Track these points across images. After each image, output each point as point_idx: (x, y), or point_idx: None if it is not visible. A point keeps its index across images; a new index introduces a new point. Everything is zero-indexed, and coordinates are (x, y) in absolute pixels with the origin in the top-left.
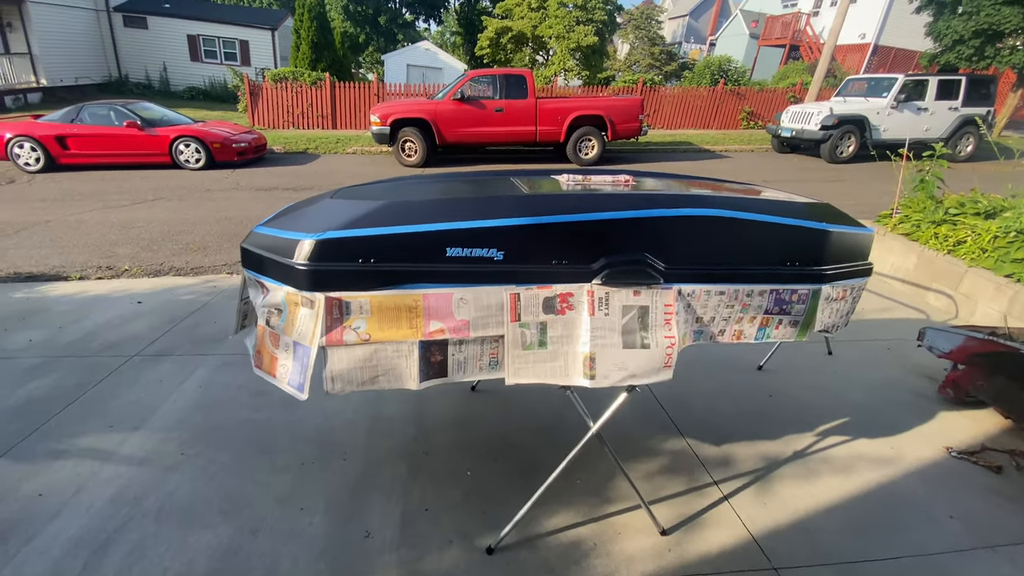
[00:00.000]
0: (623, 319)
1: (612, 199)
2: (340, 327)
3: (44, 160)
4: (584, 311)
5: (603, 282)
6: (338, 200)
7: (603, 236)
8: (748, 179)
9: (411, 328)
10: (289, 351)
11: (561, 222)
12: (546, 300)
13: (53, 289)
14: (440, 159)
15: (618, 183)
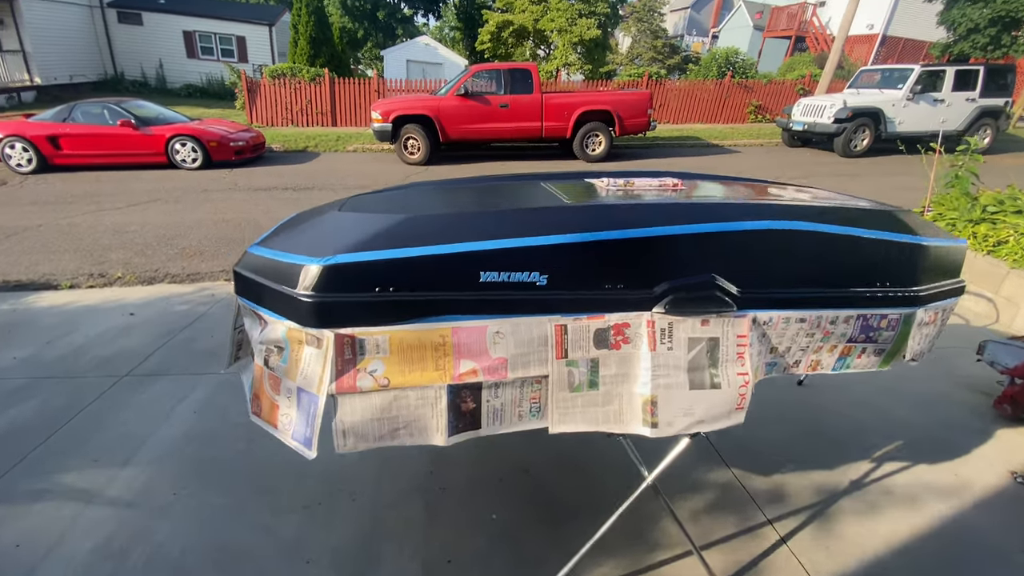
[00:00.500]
0: (689, 354)
1: (673, 210)
2: (353, 370)
3: (36, 161)
4: (643, 345)
5: (666, 310)
6: (347, 214)
7: (666, 255)
8: (761, 175)
9: (438, 370)
10: (292, 398)
11: (617, 239)
12: (598, 332)
13: (41, 299)
14: (443, 157)
15: (665, 187)
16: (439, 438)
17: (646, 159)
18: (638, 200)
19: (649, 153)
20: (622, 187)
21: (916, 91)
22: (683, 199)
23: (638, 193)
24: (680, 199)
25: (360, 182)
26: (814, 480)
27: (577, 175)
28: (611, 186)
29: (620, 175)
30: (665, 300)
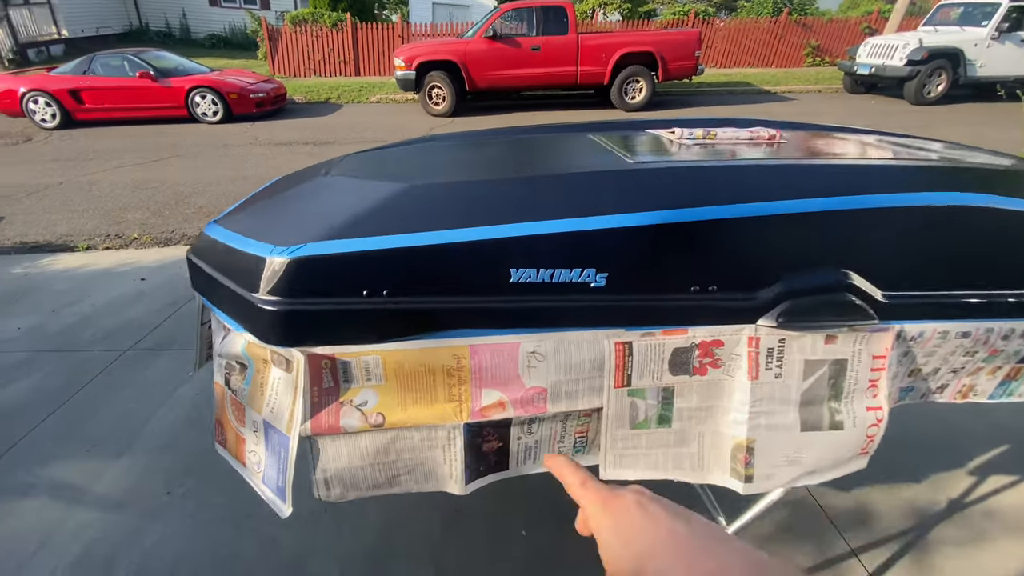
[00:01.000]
0: (804, 383)
1: (785, 176)
2: (335, 404)
3: (60, 116)
4: (741, 370)
5: (778, 323)
6: (335, 180)
7: (781, 243)
8: None
9: (451, 401)
10: (260, 434)
11: (713, 220)
12: (676, 353)
13: (56, 262)
14: (470, 107)
15: (759, 140)
16: (453, 486)
17: (690, 108)
18: (729, 161)
19: (693, 101)
20: (701, 140)
21: (1003, 29)
22: (794, 159)
23: (725, 149)
24: (790, 159)
25: (381, 136)
26: (903, 498)
27: (634, 124)
28: (686, 139)
29: (693, 124)
30: (777, 309)
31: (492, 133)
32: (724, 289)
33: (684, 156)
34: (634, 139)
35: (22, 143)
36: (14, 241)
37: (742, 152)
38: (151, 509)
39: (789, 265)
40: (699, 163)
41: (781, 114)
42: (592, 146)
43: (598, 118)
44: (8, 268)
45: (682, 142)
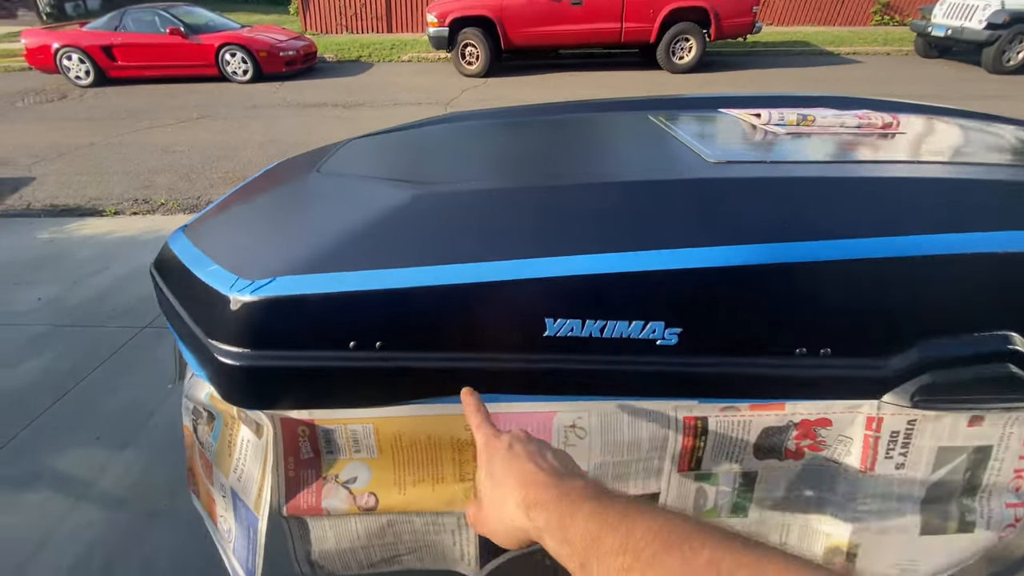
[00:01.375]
0: (934, 474)
1: (926, 191)
2: (316, 481)
3: (94, 74)
4: (850, 457)
5: (913, 401)
6: (324, 180)
7: (929, 295)
8: (884, 93)
9: (462, 481)
10: (228, 501)
11: (834, 261)
12: (766, 434)
13: (83, 227)
14: (505, 67)
15: (871, 130)
16: (466, 568)
17: (743, 70)
18: (846, 167)
19: (746, 63)
20: (796, 128)
21: None
22: (935, 163)
23: (830, 142)
24: (927, 162)
25: (412, 97)
26: None
27: (702, 102)
28: (775, 125)
29: (777, 102)
30: (913, 383)
31: (526, 112)
32: (841, 354)
33: (778, 152)
34: (707, 124)
35: (57, 100)
36: (44, 204)
37: (854, 148)
38: (154, 510)
39: (935, 324)
40: (805, 169)
41: (845, 80)
42: (655, 134)
43: (643, 81)
44: (36, 233)
45: (771, 130)
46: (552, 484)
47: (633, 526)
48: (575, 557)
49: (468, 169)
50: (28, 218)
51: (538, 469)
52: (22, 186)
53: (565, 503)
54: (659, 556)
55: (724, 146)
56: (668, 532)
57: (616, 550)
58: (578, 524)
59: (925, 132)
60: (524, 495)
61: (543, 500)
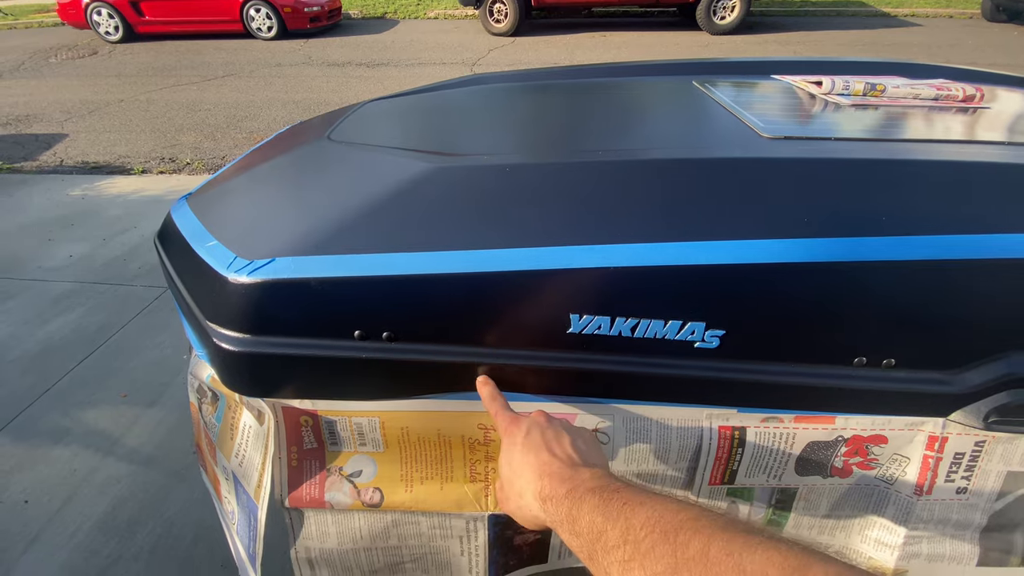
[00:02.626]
0: (998, 502)
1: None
2: (320, 475)
3: (123, 30)
4: (906, 478)
5: (987, 421)
6: (334, 148)
7: (1008, 301)
8: (944, 59)
9: (473, 482)
10: (231, 484)
11: (909, 262)
12: (811, 448)
13: (112, 185)
14: (534, 25)
15: (950, 102)
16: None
17: (789, 32)
18: (917, 141)
19: (792, 24)
20: (862, 98)
21: None
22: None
23: (903, 116)
24: (1021, 147)
25: (438, 56)
26: None
27: (753, 66)
28: (838, 95)
29: (839, 68)
30: (988, 402)
31: (558, 75)
32: (906, 365)
33: (843, 127)
34: (760, 92)
35: (88, 56)
36: (76, 161)
37: (930, 124)
38: (177, 470)
39: (1016, 335)
40: (875, 149)
41: (901, 44)
42: (701, 103)
43: (681, 42)
44: (68, 190)
45: (834, 100)
46: (565, 477)
47: (632, 517)
48: (584, 549)
49: (492, 140)
50: (61, 175)
51: (553, 459)
52: (55, 142)
53: (574, 497)
54: (656, 547)
55: (780, 119)
56: (666, 522)
57: (617, 542)
58: (584, 517)
59: (1015, 107)
60: (540, 488)
61: (556, 494)
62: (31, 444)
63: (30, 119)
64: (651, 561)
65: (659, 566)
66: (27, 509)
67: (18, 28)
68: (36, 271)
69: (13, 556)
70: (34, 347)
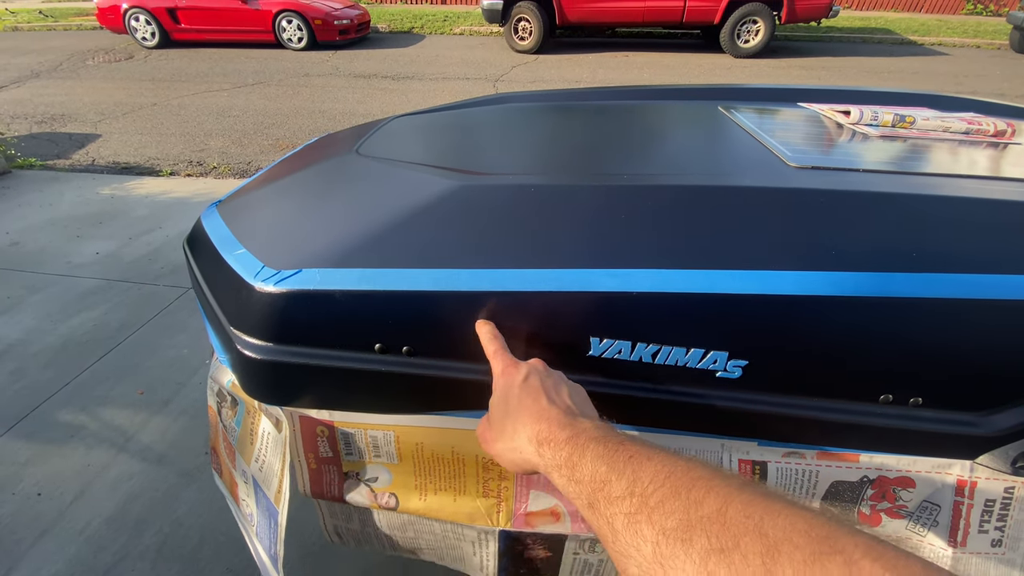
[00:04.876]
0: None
1: None
2: (336, 475)
3: (159, 36)
4: (938, 528)
5: (1017, 467)
6: (362, 162)
7: None
8: (978, 91)
9: (485, 497)
10: (250, 487)
11: (940, 299)
12: (836, 488)
13: (141, 186)
14: (558, 44)
15: (981, 136)
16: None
17: (813, 57)
18: (947, 176)
19: (816, 49)
20: (891, 130)
21: None
22: None
23: (932, 150)
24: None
25: (462, 71)
26: None
27: (777, 93)
28: (866, 125)
29: (867, 98)
30: (1016, 444)
31: (583, 96)
32: (934, 404)
33: (871, 159)
34: (787, 120)
35: (124, 60)
36: (107, 161)
37: (961, 159)
38: (187, 470)
39: None
40: (904, 183)
41: (925, 72)
42: (727, 129)
43: (704, 65)
44: (99, 188)
45: (862, 130)
46: (565, 423)
47: (640, 470)
48: (583, 496)
49: (518, 160)
50: (92, 173)
51: (552, 406)
52: (88, 142)
53: (575, 443)
54: (666, 502)
55: (807, 148)
56: (677, 478)
57: (623, 493)
58: (587, 465)
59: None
60: (537, 431)
61: (555, 438)
62: (47, 437)
63: (65, 118)
64: (660, 516)
65: (670, 522)
66: (40, 502)
67: (57, 29)
68: (63, 266)
69: (23, 548)
70: (56, 341)
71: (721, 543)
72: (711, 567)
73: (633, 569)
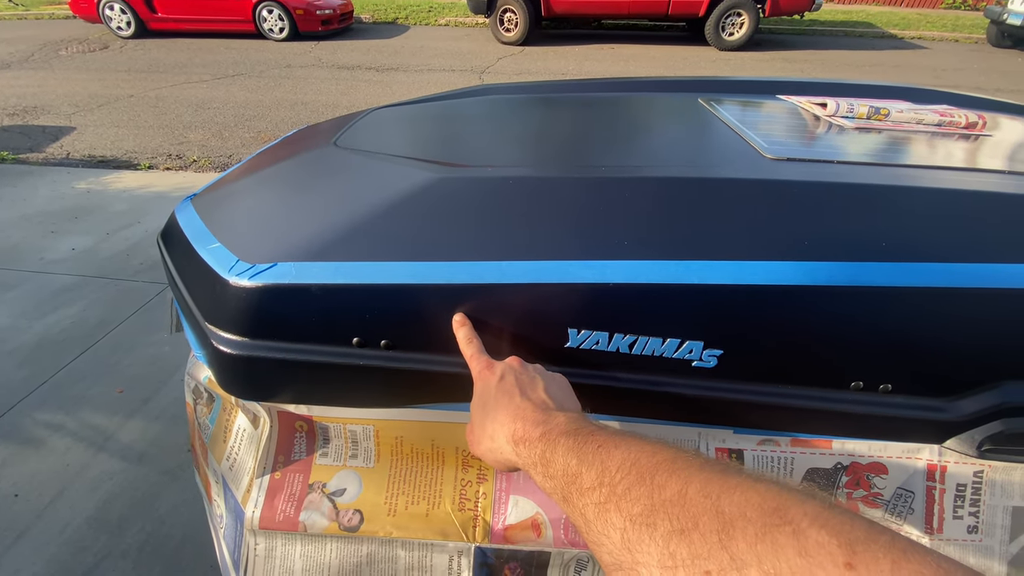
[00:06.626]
0: (1013, 543)
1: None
2: (300, 490)
3: (135, 25)
4: (914, 516)
5: (980, 451)
6: (340, 154)
7: (1006, 328)
8: (947, 84)
9: (461, 509)
10: (220, 488)
11: (912, 288)
12: (812, 476)
13: (118, 180)
14: (544, 35)
15: (953, 129)
16: None
17: (796, 50)
18: (918, 167)
19: (800, 43)
20: (866, 122)
21: None
22: None
23: (905, 141)
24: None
25: (447, 63)
26: None
27: (756, 85)
28: (842, 117)
29: (844, 91)
30: (982, 430)
31: (564, 88)
32: (904, 391)
33: (845, 151)
34: (765, 112)
35: (99, 51)
36: (83, 154)
37: (931, 150)
38: (169, 468)
39: (1019, 366)
40: (877, 174)
41: (907, 66)
42: (705, 121)
43: (689, 57)
44: (75, 182)
45: (838, 122)
46: (539, 420)
47: (608, 459)
48: (558, 491)
49: (496, 152)
50: (67, 167)
51: (527, 402)
52: (63, 135)
53: (547, 439)
54: (632, 489)
55: (784, 140)
56: (642, 464)
57: (593, 484)
58: (559, 459)
59: (1016, 136)
60: (513, 431)
61: (529, 436)
62: (24, 438)
63: (38, 111)
64: (627, 503)
65: (636, 508)
66: (17, 503)
67: (28, 19)
68: (38, 263)
69: (1, 550)
70: (32, 339)
71: (682, 524)
72: (672, 548)
73: (606, 557)
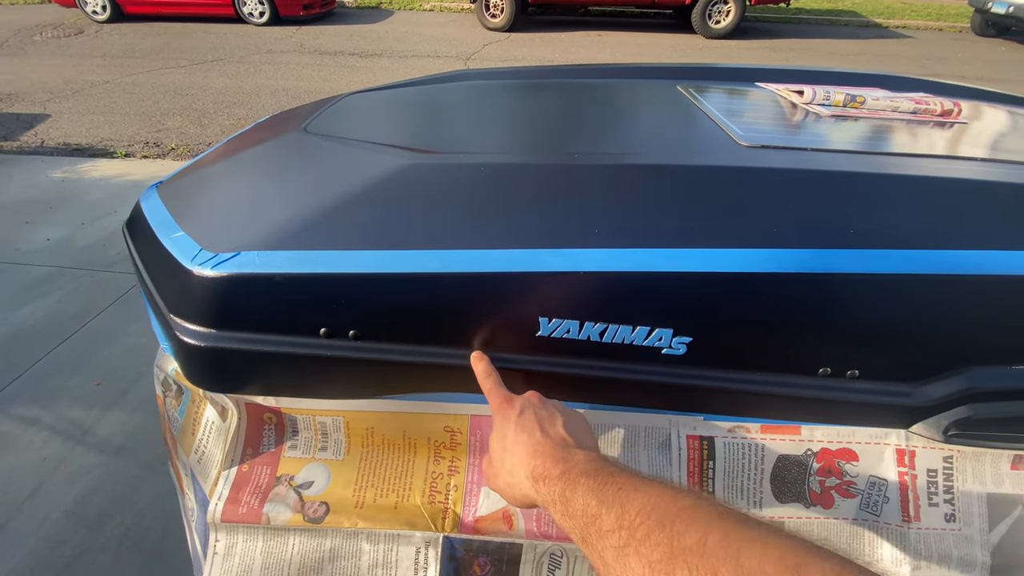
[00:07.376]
0: (992, 533)
1: (1002, 198)
2: (267, 481)
3: (111, 9)
4: (889, 505)
5: (946, 435)
6: (309, 140)
7: (984, 319)
8: (931, 73)
9: (431, 502)
10: (189, 481)
11: (878, 275)
12: (783, 464)
13: (94, 168)
14: (530, 21)
15: (927, 116)
16: None
17: (782, 39)
18: (890, 155)
19: (786, 31)
20: (842, 110)
21: None
22: (996, 163)
23: (880, 129)
24: (992, 164)
25: (432, 48)
26: None
27: (735, 73)
28: (819, 105)
29: (822, 78)
30: (947, 416)
31: (543, 74)
32: (869, 377)
33: (819, 138)
34: (742, 99)
35: (73, 36)
36: (58, 142)
37: (905, 138)
38: (149, 461)
39: (983, 353)
40: (849, 162)
41: (891, 55)
42: (682, 108)
43: (675, 45)
44: (49, 171)
45: (814, 110)
46: (559, 458)
47: (628, 503)
48: (576, 531)
49: (470, 138)
50: (41, 156)
51: (547, 439)
52: (37, 123)
53: (567, 478)
54: (652, 534)
55: (759, 127)
56: (662, 509)
57: (612, 527)
58: (578, 500)
59: (989, 124)
60: (532, 467)
61: (549, 474)
62: (0, 431)
63: (11, 98)
64: (647, 549)
65: (655, 554)
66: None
67: (2, 3)
68: (12, 254)
69: None
70: (6, 331)
71: (700, 574)
72: None
73: None
